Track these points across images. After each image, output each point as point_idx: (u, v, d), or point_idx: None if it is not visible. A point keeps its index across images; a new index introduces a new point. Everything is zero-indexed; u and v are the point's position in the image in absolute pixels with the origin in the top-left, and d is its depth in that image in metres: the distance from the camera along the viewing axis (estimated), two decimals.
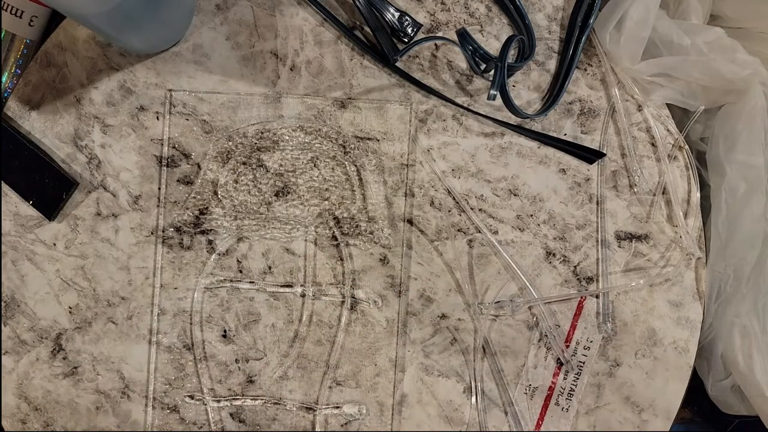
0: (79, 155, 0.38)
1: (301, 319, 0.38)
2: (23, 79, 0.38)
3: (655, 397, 0.40)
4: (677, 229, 0.40)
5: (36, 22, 0.38)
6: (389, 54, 0.37)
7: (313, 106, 0.39)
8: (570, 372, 0.39)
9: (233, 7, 0.38)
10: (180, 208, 0.38)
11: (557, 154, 0.40)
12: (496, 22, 0.40)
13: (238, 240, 0.38)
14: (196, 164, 0.38)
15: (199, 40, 0.38)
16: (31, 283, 0.38)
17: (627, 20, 0.38)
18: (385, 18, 0.38)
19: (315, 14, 0.39)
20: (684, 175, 0.41)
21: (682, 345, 0.40)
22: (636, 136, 0.40)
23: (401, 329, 0.39)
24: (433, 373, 0.39)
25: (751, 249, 0.38)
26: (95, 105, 0.38)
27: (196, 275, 0.38)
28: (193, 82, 0.38)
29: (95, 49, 0.38)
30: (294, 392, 0.38)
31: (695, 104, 0.40)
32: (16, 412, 0.38)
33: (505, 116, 0.39)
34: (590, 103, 0.40)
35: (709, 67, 0.37)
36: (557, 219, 0.40)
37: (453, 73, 0.40)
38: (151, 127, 0.38)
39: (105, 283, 0.38)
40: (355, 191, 0.39)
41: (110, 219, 0.38)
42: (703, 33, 0.39)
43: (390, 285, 0.39)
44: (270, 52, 0.39)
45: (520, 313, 0.39)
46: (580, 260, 0.40)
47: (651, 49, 0.39)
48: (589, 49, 0.41)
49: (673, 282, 0.40)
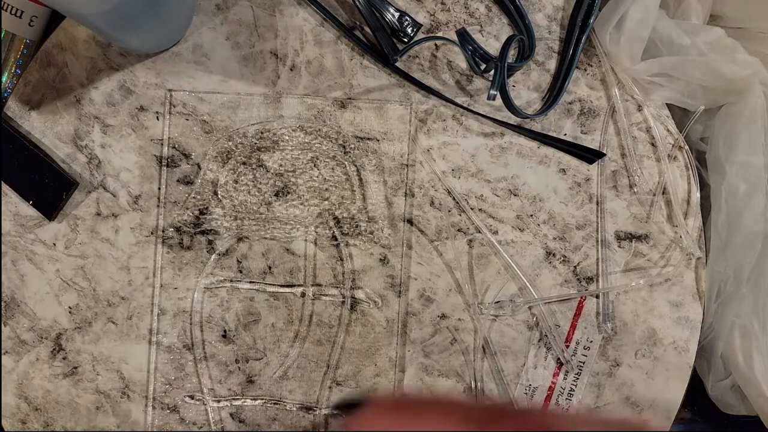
0: (79, 155, 0.38)
1: (301, 319, 0.38)
2: (23, 79, 0.38)
3: (655, 397, 0.40)
4: (677, 229, 0.40)
5: (36, 22, 0.38)
6: (389, 54, 0.37)
7: (313, 106, 0.39)
8: (570, 372, 0.39)
9: (233, 7, 0.38)
10: (180, 208, 0.38)
11: (557, 154, 0.40)
12: (496, 22, 0.40)
13: (238, 240, 0.38)
14: (196, 164, 0.38)
15: (199, 40, 0.38)
16: (31, 283, 0.38)
17: (627, 20, 0.38)
18: (385, 18, 0.38)
19: (315, 14, 0.39)
20: (684, 175, 0.41)
21: (682, 345, 0.40)
22: (636, 136, 0.40)
23: (401, 329, 0.39)
24: (433, 373, 0.39)
25: (751, 249, 0.38)
26: (95, 105, 0.38)
27: (196, 275, 0.38)
28: (193, 82, 0.38)
29: (95, 49, 0.38)
30: (294, 392, 0.38)
31: (695, 104, 0.40)
32: (16, 412, 0.38)
33: (505, 116, 0.39)
34: (590, 103, 0.40)
35: (709, 67, 0.37)
36: (557, 219, 0.40)
37: (453, 73, 0.40)
38: (151, 127, 0.38)
39: (105, 283, 0.38)
40: (355, 191, 0.39)
41: (110, 219, 0.38)
42: (703, 33, 0.39)
43: (390, 285, 0.39)
44: (270, 52, 0.39)
45: (520, 313, 0.39)
46: (580, 260, 0.40)
47: (651, 49, 0.39)
48: (589, 49, 0.41)
49: (673, 282, 0.40)
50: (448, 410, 0.24)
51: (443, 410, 0.24)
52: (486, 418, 0.23)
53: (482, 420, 0.23)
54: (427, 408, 0.24)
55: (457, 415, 0.23)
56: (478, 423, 0.22)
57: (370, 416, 0.24)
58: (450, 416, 0.23)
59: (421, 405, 0.25)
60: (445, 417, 0.23)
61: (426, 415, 0.24)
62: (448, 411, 0.24)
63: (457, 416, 0.23)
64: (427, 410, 0.24)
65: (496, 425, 0.22)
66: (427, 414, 0.24)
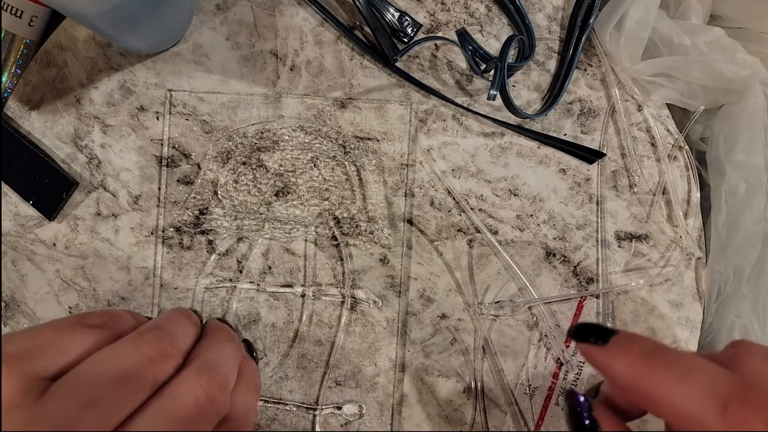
0: (79, 155, 0.38)
1: (301, 319, 0.38)
2: (23, 79, 0.38)
3: None
4: (677, 229, 0.40)
5: (36, 22, 0.38)
6: (389, 54, 0.37)
7: (313, 106, 0.39)
8: (570, 372, 0.39)
9: (233, 7, 0.38)
10: (180, 208, 0.38)
11: (557, 154, 0.40)
12: (496, 22, 0.40)
13: (238, 240, 0.38)
14: (196, 164, 0.38)
15: (199, 40, 0.38)
16: (31, 283, 0.38)
17: (627, 20, 0.38)
18: (385, 18, 0.38)
19: (315, 14, 0.39)
20: (684, 175, 0.41)
21: (682, 345, 0.40)
22: (636, 136, 0.40)
23: (401, 329, 0.39)
24: (433, 373, 0.39)
25: (751, 249, 0.38)
26: (95, 105, 0.38)
27: (196, 275, 0.38)
28: (193, 82, 0.38)
29: (95, 49, 0.38)
30: (294, 392, 0.38)
31: (695, 104, 0.40)
32: None
33: (505, 116, 0.39)
34: (590, 103, 0.40)
35: (709, 67, 0.37)
36: (557, 219, 0.40)
37: (453, 73, 0.40)
38: (151, 127, 0.38)
39: (105, 283, 0.38)
40: (355, 191, 0.39)
41: (110, 219, 0.38)
42: (703, 33, 0.39)
43: (390, 285, 0.39)
44: (270, 52, 0.39)
45: (520, 313, 0.39)
46: (580, 260, 0.40)
47: (651, 49, 0.39)
48: (589, 49, 0.41)
49: (673, 282, 0.40)
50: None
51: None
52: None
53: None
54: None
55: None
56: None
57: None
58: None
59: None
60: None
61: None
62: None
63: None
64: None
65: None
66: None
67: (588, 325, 0.25)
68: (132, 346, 0.22)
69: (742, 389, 0.21)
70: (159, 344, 0.23)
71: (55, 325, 0.22)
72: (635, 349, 0.23)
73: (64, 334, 0.22)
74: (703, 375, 0.21)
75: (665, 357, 0.22)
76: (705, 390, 0.21)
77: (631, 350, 0.23)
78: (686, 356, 0.22)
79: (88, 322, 0.23)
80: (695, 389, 0.21)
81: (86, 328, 0.22)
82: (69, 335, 0.22)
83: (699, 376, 0.21)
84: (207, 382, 0.23)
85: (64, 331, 0.22)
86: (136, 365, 0.22)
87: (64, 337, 0.22)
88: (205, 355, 0.25)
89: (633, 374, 0.22)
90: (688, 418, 0.21)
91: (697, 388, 0.21)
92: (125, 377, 0.21)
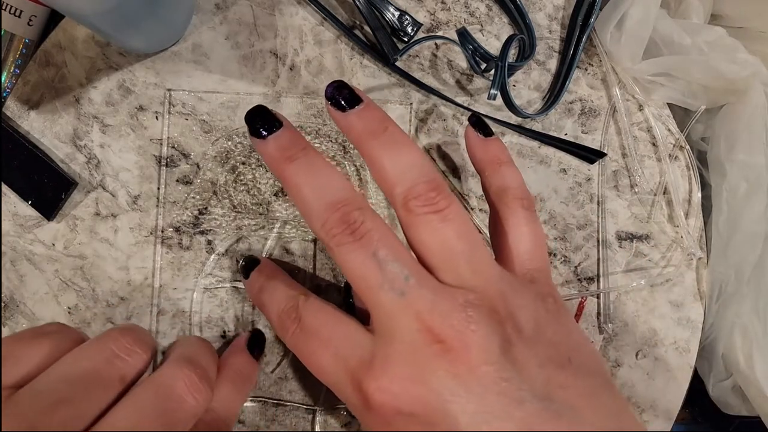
0: (78, 155, 0.38)
1: None
2: (22, 79, 0.38)
3: (656, 397, 0.40)
4: (678, 229, 0.40)
5: (35, 21, 0.38)
6: (389, 53, 0.37)
7: (312, 106, 0.38)
8: None
9: (233, 6, 0.38)
10: (179, 208, 0.38)
11: (558, 154, 0.40)
12: (497, 21, 0.40)
13: (238, 240, 0.38)
14: (196, 164, 0.38)
15: (198, 40, 0.38)
16: (30, 283, 0.37)
17: (628, 20, 0.38)
18: (385, 17, 0.38)
19: (315, 13, 0.39)
20: (685, 175, 0.41)
21: (683, 345, 0.40)
22: (637, 136, 0.40)
23: None
24: None
25: (752, 249, 0.38)
26: (94, 105, 0.38)
27: (196, 275, 0.38)
28: (192, 81, 0.38)
29: (94, 49, 0.38)
30: (294, 392, 0.38)
31: (696, 104, 0.40)
32: None
33: (505, 116, 0.39)
34: (591, 103, 0.40)
35: (710, 67, 0.37)
36: (558, 219, 0.40)
37: (453, 73, 0.40)
38: (151, 126, 0.38)
39: (104, 284, 0.38)
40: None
41: (109, 219, 0.38)
42: (704, 32, 0.38)
43: None
44: (269, 52, 0.38)
45: None
46: (581, 260, 0.40)
47: (652, 48, 0.39)
48: (590, 49, 0.40)
49: (674, 282, 0.40)
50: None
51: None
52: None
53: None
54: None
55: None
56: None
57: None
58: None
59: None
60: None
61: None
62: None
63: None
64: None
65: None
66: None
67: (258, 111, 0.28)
68: (96, 344, 0.23)
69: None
70: (123, 339, 0.24)
71: (14, 337, 0.23)
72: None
73: (22, 344, 0.22)
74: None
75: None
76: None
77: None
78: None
79: (45, 330, 0.24)
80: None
81: (43, 335, 0.23)
82: (27, 344, 0.22)
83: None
84: (186, 373, 0.24)
85: (22, 342, 0.23)
86: (102, 362, 0.22)
87: (22, 345, 0.22)
88: (180, 350, 0.26)
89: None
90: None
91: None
92: (92, 374, 0.22)
